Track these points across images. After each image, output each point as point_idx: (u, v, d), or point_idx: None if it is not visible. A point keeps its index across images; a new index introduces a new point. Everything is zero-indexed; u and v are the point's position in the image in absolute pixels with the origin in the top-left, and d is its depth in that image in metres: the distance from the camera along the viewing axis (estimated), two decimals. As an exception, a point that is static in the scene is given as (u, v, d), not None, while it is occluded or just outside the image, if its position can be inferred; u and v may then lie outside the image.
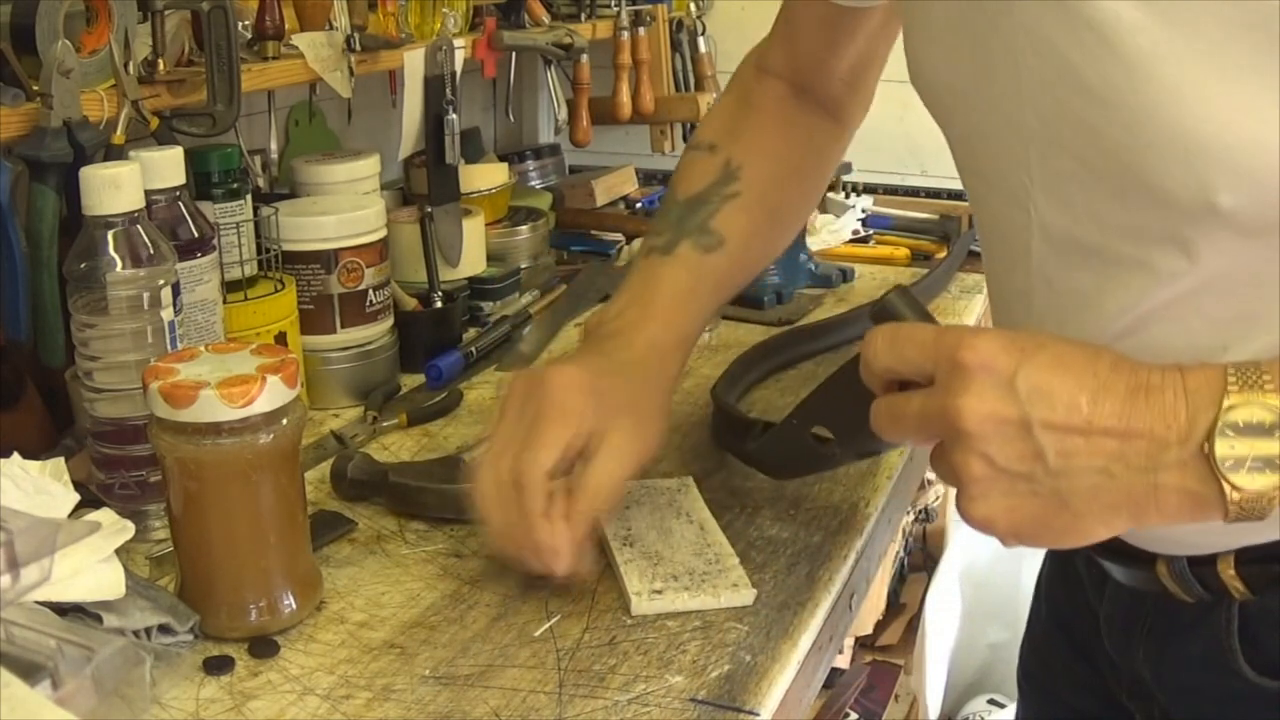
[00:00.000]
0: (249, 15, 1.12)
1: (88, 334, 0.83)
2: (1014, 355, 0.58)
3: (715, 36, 1.97)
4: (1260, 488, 0.54)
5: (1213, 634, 0.69)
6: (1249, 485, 0.54)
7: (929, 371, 0.60)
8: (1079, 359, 0.58)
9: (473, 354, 1.20)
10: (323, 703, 0.68)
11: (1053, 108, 0.62)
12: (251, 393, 0.71)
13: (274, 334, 1.04)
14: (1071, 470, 0.57)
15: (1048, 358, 0.58)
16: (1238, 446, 0.54)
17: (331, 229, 1.10)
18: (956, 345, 0.59)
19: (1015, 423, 0.57)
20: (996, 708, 2.12)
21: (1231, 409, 0.54)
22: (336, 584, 0.81)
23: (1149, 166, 0.59)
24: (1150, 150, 0.58)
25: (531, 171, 1.88)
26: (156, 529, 0.86)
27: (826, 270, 1.44)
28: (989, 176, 0.70)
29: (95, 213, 0.81)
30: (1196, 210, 0.58)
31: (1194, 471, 0.55)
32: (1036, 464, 0.57)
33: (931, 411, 0.60)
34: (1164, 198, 0.59)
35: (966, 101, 0.69)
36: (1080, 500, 0.57)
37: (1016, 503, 0.58)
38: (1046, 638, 0.92)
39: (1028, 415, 0.57)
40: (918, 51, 0.73)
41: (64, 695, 0.61)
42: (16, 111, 0.89)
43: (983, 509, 0.59)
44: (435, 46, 1.30)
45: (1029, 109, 0.64)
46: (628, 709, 0.67)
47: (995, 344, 0.58)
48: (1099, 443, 0.56)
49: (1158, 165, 0.58)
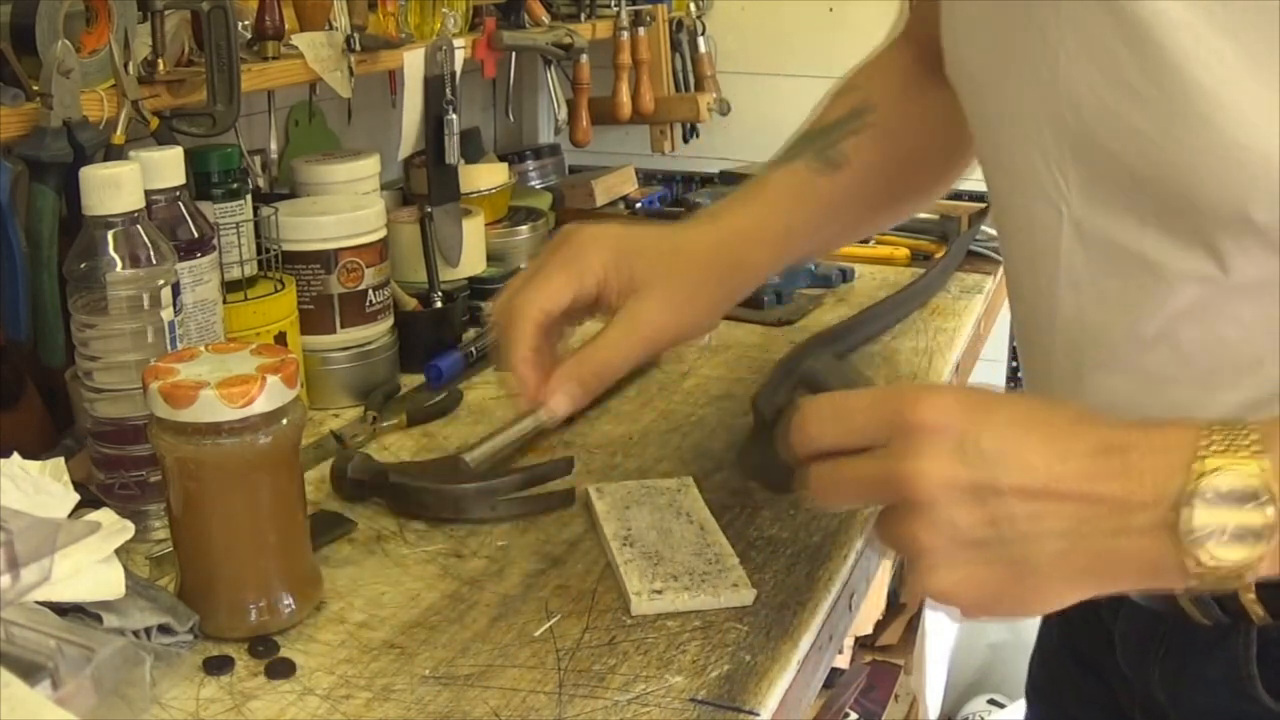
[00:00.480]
0: (249, 15, 1.12)
1: (88, 334, 0.83)
2: (970, 415, 0.54)
3: (715, 36, 1.97)
4: (1239, 560, 0.51)
5: (1231, 658, 0.67)
6: (1227, 556, 0.51)
7: (876, 437, 0.56)
8: (1040, 417, 0.55)
9: (473, 354, 1.20)
10: (323, 703, 0.68)
11: (1092, 105, 0.60)
12: (251, 393, 0.71)
13: (274, 334, 1.04)
14: (1034, 536, 0.53)
15: (1006, 416, 0.55)
16: (1215, 515, 0.51)
17: (331, 229, 1.10)
18: (909, 405, 0.55)
19: (974, 488, 0.53)
20: (996, 708, 2.12)
21: (1206, 474, 0.51)
22: (336, 584, 0.81)
23: (1184, 169, 0.57)
24: (1185, 153, 0.56)
25: (531, 171, 1.88)
26: (156, 529, 0.86)
27: (826, 270, 1.44)
28: (1018, 173, 0.68)
29: (95, 213, 0.81)
30: (1230, 219, 0.56)
31: (1157, 539, 0.52)
32: (998, 530, 0.53)
33: (881, 477, 0.56)
34: (1197, 203, 0.57)
35: (997, 94, 0.68)
36: (1044, 567, 0.54)
37: (978, 572, 0.54)
38: (1056, 652, 0.90)
39: (987, 479, 0.53)
40: (951, 40, 0.72)
41: (64, 695, 0.61)
42: (16, 111, 0.89)
43: (942, 580, 0.55)
44: (435, 46, 1.30)
45: (1066, 104, 0.62)
46: (628, 709, 0.67)
47: (949, 402, 0.55)
48: (1062, 507, 0.53)
49: (1192, 169, 0.56)
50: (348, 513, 0.90)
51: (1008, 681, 2.17)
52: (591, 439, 1.03)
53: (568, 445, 1.02)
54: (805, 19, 1.97)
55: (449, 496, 0.88)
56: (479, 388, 1.16)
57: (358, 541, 0.87)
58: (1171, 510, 0.51)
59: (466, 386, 1.15)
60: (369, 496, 0.92)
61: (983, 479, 0.53)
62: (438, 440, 1.04)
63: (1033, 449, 0.54)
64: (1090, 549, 0.53)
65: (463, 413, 1.10)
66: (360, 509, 0.91)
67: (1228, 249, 0.58)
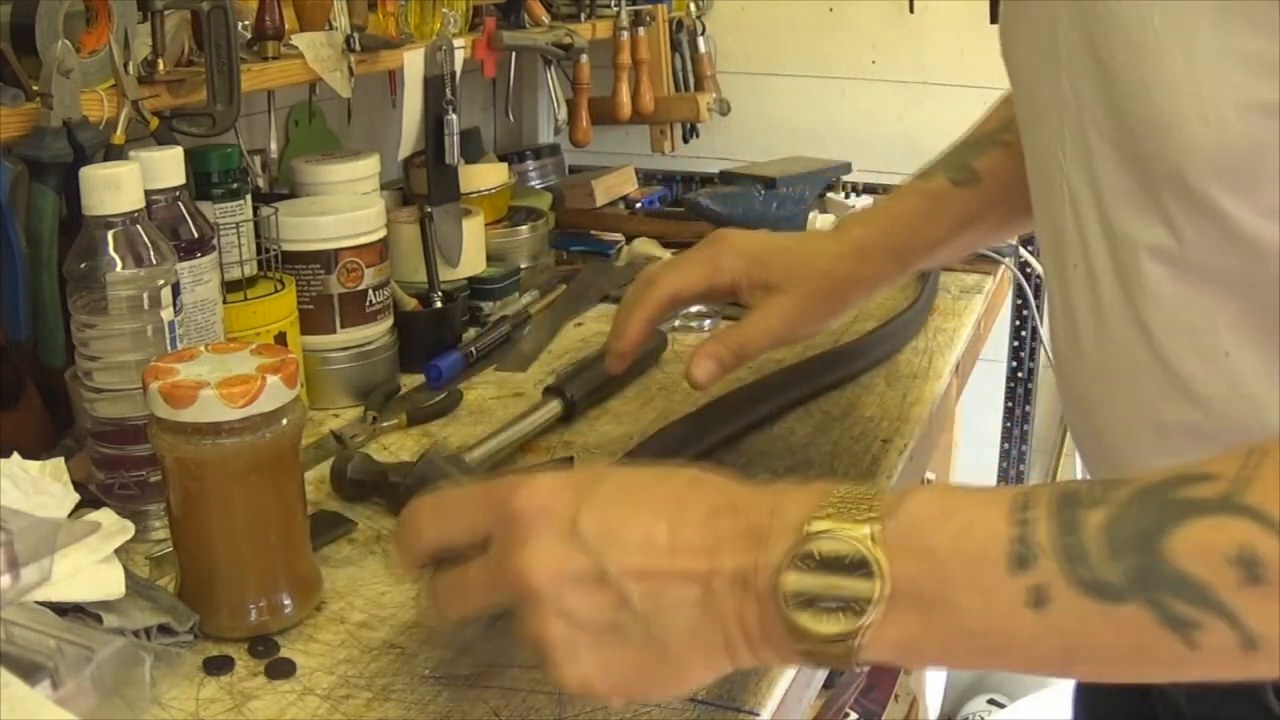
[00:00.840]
0: (249, 15, 1.12)
1: (88, 334, 0.83)
2: (571, 494, 0.52)
3: (715, 36, 1.97)
4: (834, 631, 0.47)
5: None
6: (820, 628, 0.47)
7: (483, 531, 0.54)
8: (647, 485, 0.53)
9: (473, 354, 1.20)
10: (323, 703, 0.68)
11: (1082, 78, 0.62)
12: (251, 393, 0.71)
13: (274, 334, 1.04)
14: (661, 610, 0.50)
15: (612, 491, 0.53)
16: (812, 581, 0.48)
17: (331, 229, 1.10)
18: (508, 495, 0.53)
19: (587, 571, 0.51)
20: (996, 708, 2.12)
21: (811, 538, 0.48)
22: (336, 584, 0.81)
23: (1132, 135, 0.58)
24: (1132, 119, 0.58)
25: (531, 171, 1.88)
26: (156, 529, 0.86)
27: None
28: (1036, 151, 0.70)
29: (95, 213, 0.81)
30: (1173, 185, 0.57)
31: (771, 606, 0.49)
32: (622, 611, 0.51)
33: (494, 576, 0.53)
34: (1149, 168, 0.58)
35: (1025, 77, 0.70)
36: (678, 641, 0.51)
37: (610, 656, 0.51)
38: None
39: (598, 561, 0.51)
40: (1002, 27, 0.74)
41: (64, 695, 0.61)
42: (16, 111, 0.88)
43: (574, 673, 0.52)
44: (435, 46, 1.30)
45: (1065, 80, 0.63)
46: (627, 709, 0.67)
47: (549, 486, 0.53)
48: (683, 575, 0.50)
49: (1138, 135, 0.58)
50: (348, 513, 0.90)
51: (1008, 681, 2.16)
52: (591, 439, 1.03)
53: (568, 445, 1.02)
54: (805, 19, 1.97)
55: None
56: (479, 388, 1.16)
57: (358, 541, 0.87)
58: (777, 573, 0.49)
59: (466, 386, 1.15)
60: (369, 496, 0.92)
61: (596, 561, 0.51)
62: (438, 440, 1.04)
63: (646, 520, 0.51)
64: (719, 618, 0.50)
65: (463, 413, 1.10)
66: (360, 509, 0.91)
67: (1176, 215, 0.58)
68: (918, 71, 1.89)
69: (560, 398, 1.05)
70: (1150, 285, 0.62)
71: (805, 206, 1.41)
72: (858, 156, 1.67)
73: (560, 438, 1.04)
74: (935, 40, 1.89)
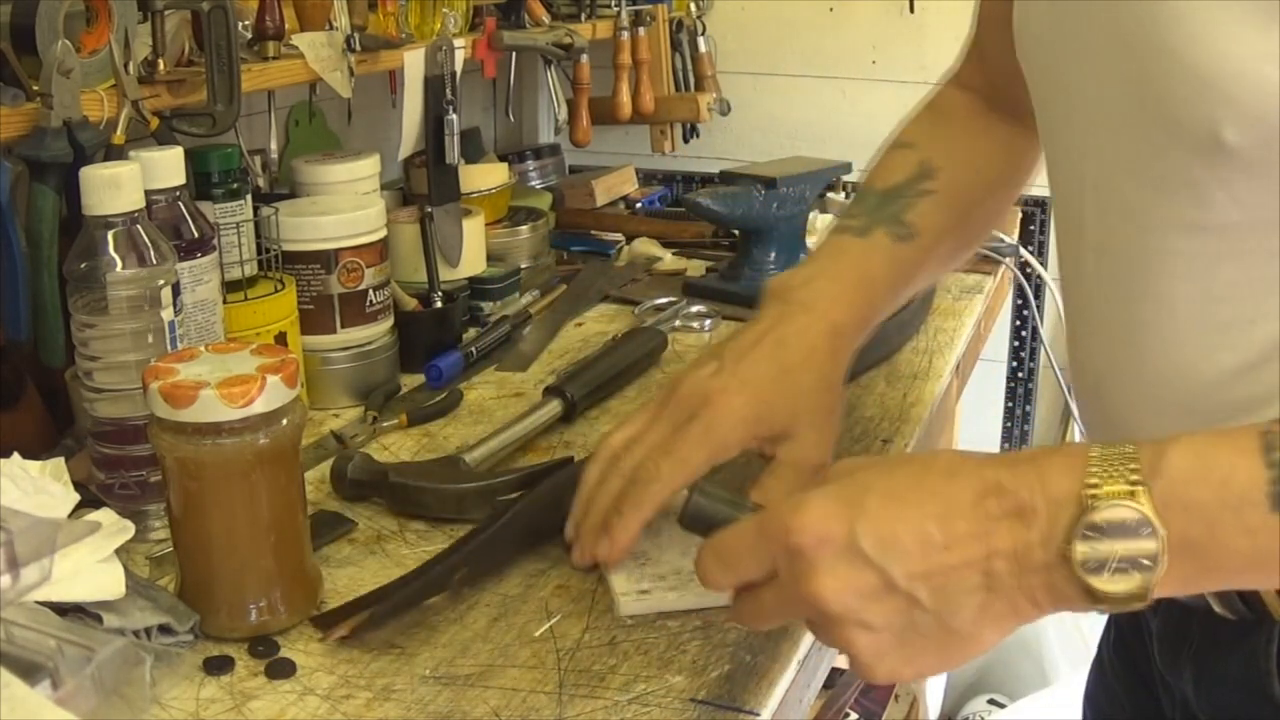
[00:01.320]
0: (249, 15, 1.12)
1: (88, 334, 0.83)
2: (843, 516, 0.56)
3: (715, 36, 1.97)
4: (1130, 589, 0.53)
5: (1251, 655, 0.67)
6: (1118, 587, 0.53)
7: (770, 569, 0.59)
8: (910, 486, 0.57)
9: (473, 354, 1.20)
10: (323, 703, 0.68)
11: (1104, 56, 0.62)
12: (251, 393, 0.71)
13: (274, 334, 1.04)
14: (950, 600, 0.55)
15: (879, 501, 0.57)
16: (1103, 547, 0.52)
17: (331, 229, 1.10)
18: (784, 531, 0.57)
19: (876, 584, 0.56)
20: (996, 708, 2.12)
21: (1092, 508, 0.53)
22: (336, 584, 0.81)
23: (1158, 100, 0.59)
24: (1157, 83, 0.58)
25: (531, 171, 1.89)
26: (156, 529, 0.86)
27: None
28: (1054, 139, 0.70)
29: (95, 213, 0.81)
30: (1205, 146, 0.58)
31: (1055, 573, 0.54)
32: (914, 611, 0.56)
33: (790, 603, 0.59)
34: (1175, 132, 0.59)
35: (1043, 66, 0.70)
36: (969, 624, 0.56)
37: (911, 649, 0.57)
38: (1111, 662, 0.90)
39: (884, 573, 0.55)
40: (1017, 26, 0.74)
41: (64, 695, 0.61)
42: (16, 111, 0.89)
43: (883, 670, 0.58)
44: (435, 46, 1.30)
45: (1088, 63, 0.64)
46: (628, 709, 0.67)
47: (820, 512, 0.57)
48: (963, 565, 0.55)
49: (1165, 99, 0.58)
50: (348, 513, 0.90)
51: (1008, 681, 2.16)
52: (591, 439, 1.03)
53: (568, 445, 1.02)
54: (805, 19, 1.97)
55: (449, 496, 0.88)
56: (479, 388, 1.16)
57: (358, 541, 0.87)
58: (1065, 543, 0.53)
59: (466, 386, 1.15)
60: (369, 496, 0.92)
61: (876, 577, 0.56)
62: (438, 440, 1.04)
63: (917, 522, 0.55)
64: (1006, 593, 0.55)
65: (463, 413, 1.10)
66: (360, 509, 0.91)
67: (1204, 181, 0.59)
68: (918, 71, 1.89)
69: (560, 398, 1.05)
70: (1170, 260, 0.62)
71: (805, 206, 1.41)
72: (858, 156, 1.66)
73: (560, 438, 1.04)
74: (935, 40, 1.89)
